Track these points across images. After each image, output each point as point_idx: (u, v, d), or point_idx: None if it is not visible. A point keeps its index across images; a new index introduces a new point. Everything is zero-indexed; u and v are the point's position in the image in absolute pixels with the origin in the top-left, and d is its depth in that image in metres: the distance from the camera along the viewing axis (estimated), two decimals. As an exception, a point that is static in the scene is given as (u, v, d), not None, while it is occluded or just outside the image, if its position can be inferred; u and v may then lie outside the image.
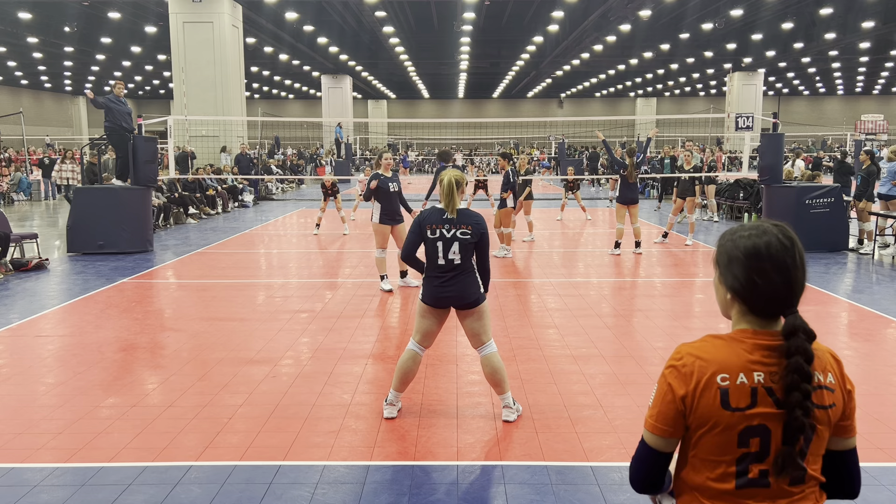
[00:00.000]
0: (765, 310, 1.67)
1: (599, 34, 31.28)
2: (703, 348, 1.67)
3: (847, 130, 47.99)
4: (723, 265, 1.72)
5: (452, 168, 8.83)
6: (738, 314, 1.71)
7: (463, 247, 4.55)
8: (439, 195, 4.69)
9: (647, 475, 1.73)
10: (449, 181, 4.57)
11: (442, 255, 4.56)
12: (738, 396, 1.62)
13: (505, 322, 7.37)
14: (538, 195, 25.31)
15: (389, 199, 8.79)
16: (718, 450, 1.65)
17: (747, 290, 1.66)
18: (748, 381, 1.63)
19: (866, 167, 12.37)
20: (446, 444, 4.37)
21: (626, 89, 61.54)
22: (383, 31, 31.00)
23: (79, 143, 46.18)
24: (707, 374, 1.64)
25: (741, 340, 1.67)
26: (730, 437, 1.64)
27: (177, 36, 23.53)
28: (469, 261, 4.61)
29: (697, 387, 1.64)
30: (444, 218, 4.58)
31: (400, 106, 67.23)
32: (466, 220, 4.57)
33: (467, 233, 4.55)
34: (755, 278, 1.65)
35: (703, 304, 8.33)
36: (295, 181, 31.60)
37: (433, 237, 4.57)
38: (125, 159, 12.92)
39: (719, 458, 1.66)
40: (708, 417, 1.64)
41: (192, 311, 8.05)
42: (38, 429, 4.66)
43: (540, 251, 12.47)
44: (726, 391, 1.62)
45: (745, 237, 1.68)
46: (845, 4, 29.20)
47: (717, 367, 1.64)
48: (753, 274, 1.65)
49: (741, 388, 1.62)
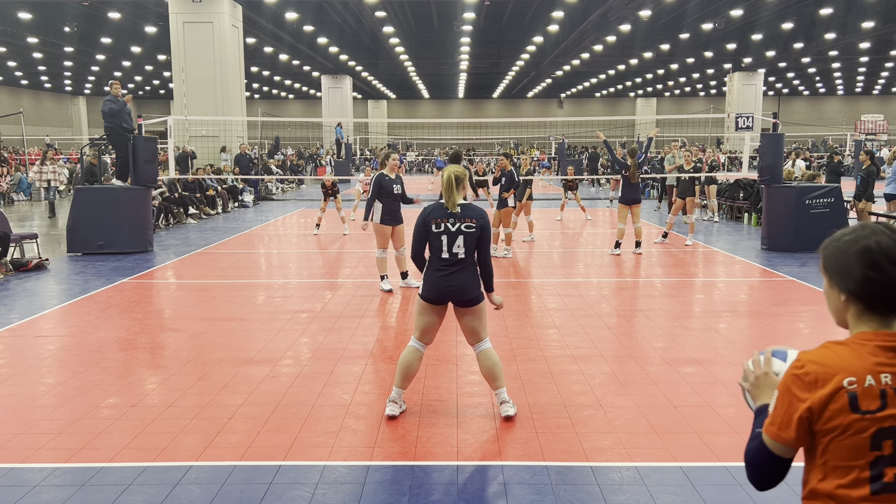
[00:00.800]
0: (883, 305, 1.66)
1: (599, 34, 31.29)
2: (825, 355, 1.66)
3: (847, 130, 48.03)
4: (833, 270, 1.72)
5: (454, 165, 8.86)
6: (854, 317, 1.71)
7: (467, 240, 4.62)
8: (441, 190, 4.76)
9: (769, 478, 1.74)
10: (448, 176, 4.63)
11: (446, 248, 4.62)
12: (867, 400, 1.61)
13: (505, 322, 7.37)
14: (538, 195, 25.34)
15: (392, 200, 8.82)
16: (850, 455, 1.63)
17: (863, 287, 1.66)
18: (876, 384, 1.62)
19: (866, 167, 12.37)
20: (446, 444, 4.37)
21: (626, 89, 61.53)
22: (383, 31, 31.00)
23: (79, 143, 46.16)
24: (832, 380, 1.63)
25: (863, 343, 1.66)
26: (861, 441, 1.62)
27: (177, 36, 23.53)
28: (472, 256, 4.67)
29: (823, 394, 1.63)
30: (448, 212, 4.63)
31: (400, 106, 67.23)
32: (470, 213, 4.65)
33: (472, 226, 4.62)
34: (870, 274, 1.64)
35: (703, 304, 8.33)
36: (295, 181, 31.60)
37: (438, 231, 4.63)
38: (125, 159, 12.91)
39: (851, 464, 1.64)
40: (837, 423, 1.63)
41: (192, 311, 8.05)
42: (38, 429, 4.65)
43: (540, 251, 12.47)
44: (854, 395, 1.61)
45: (851, 239, 1.69)
46: (845, 4, 29.20)
47: (842, 373, 1.63)
48: (868, 270, 1.65)
49: (869, 390, 1.62)
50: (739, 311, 8.05)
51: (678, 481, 3.90)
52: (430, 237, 4.67)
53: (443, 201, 4.69)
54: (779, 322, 7.29)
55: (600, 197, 24.70)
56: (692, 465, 4.08)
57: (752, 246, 12.86)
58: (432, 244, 4.68)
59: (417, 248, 4.77)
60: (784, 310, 7.86)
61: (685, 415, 4.84)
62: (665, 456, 4.21)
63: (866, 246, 1.65)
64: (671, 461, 4.14)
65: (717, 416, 4.81)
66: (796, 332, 6.98)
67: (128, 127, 12.84)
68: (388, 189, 8.76)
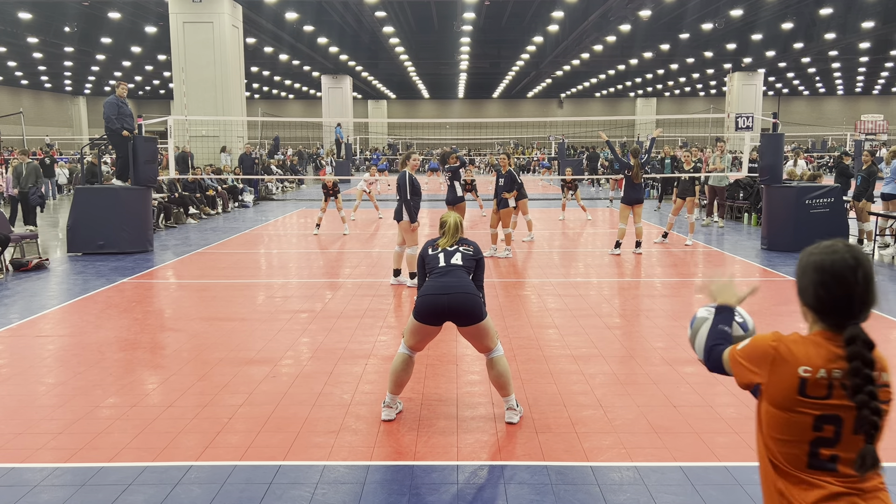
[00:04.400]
0: (829, 318, 1.92)
1: (599, 34, 31.29)
2: (795, 342, 1.94)
3: (847, 130, 47.99)
4: (797, 277, 2.00)
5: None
6: (811, 321, 1.98)
7: (465, 257, 4.81)
8: (439, 232, 4.99)
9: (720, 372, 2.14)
10: (455, 222, 4.91)
11: (444, 261, 4.78)
12: (815, 387, 1.87)
13: (505, 322, 7.37)
14: (538, 195, 25.32)
15: (419, 198, 9.17)
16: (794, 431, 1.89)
17: (814, 299, 1.93)
18: (826, 377, 1.87)
19: (867, 167, 12.37)
20: (446, 444, 4.38)
21: (626, 89, 61.54)
22: (383, 31, 31.00)
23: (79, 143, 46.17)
24: (792, 364, 1.90)
25: (818, 342, 1.92)
26: (805, 421, 1.88)
27: (177, 36, 23.53)
28: (468, 269, 4.78)
29: (784, 370, 1.91)
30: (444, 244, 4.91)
31: (400, 106, 67.22)
32: (467, 242, 4.93)
33: (469, 250, 4.86)
34: (820, 292, 1.91)
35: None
36: (295, 181, 31.60)
37: (435, 252, 4.85)
38: (125, 159, 12.91)
39: (794, 439, 1.89)
40: (785, 401, 1.90)
41: (192, 311, 8.05)
42: (38, 429, 4.66)
43: (540, 251, 12.47)
44: (805, 381, 1.88)
45: (816, 254, 1.95)
46: (845, 4, 29.20)
47: (801, 361, 1.90)
48: (819, 288, 1.91)
49: (819, 381, 1.87)
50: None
51: (678, 481, 3.90)
52: (427, 259, 4.84)
53: (444, 240, 4.91)
54: (779, 322, 7.29)
55: (600, 197, 24.70)
56: (692, 465, 4.08)
57: (752, 246, 12.86)
58: (429, 266, 4.82)
59: (422, 280, 4.91)
60: (784, 310, 7.86)
61: (685, 415, 4.84)
62: (665, 456, 4.21)
63: (820, 266, 1.91)
64: (671, 461, 4.14)
65: (717, 416, 4.81)
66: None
67: (129, 128, 12.83)
68: (418, 187, 9.07)
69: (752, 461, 4.12)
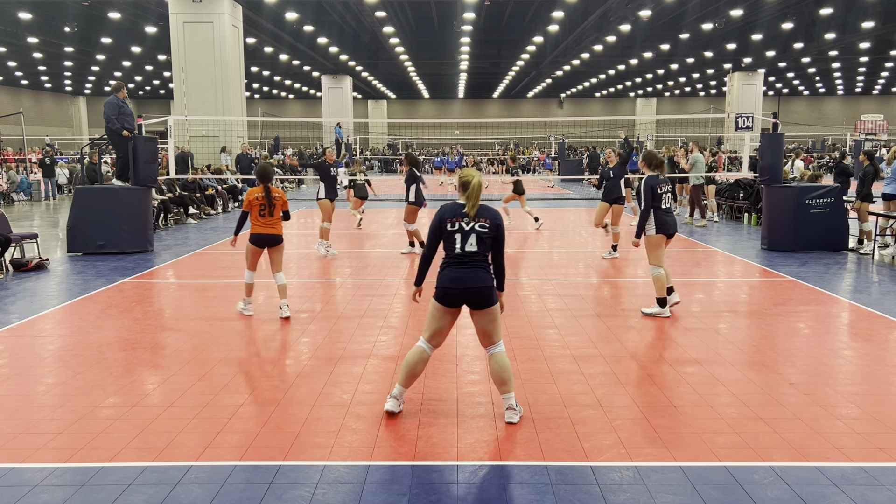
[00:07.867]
0: None
1: (599, 34, 31.30)
2: None
3: (847, 130, 48.02)
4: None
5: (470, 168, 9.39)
6: None
7: (480, 239, 4.70)
8: (459, 192, 4.83)
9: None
10: (479, 182, 4.75)
11: (460, 246, 4.70)
12: None
13: (505, 322, 7.37)
14: (538, 195, 25.33)
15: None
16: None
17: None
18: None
19: (865, 167, 12.36)
20: (446, 444, 4.38)
21: (626, 89, 61.55)
22: (383, 31, 31.00)
23: (79, 143, 46.16)
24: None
25: None
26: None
27: (177, 36, 23.54)
28: (485, 253, 4.73)
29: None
30: (464, 213, 4.72)
31: (400, 106, 67.22)
32: (484, 213, 4.74)
33: (485, 226, 4.71)
34: None
35: (704, 304, 8.33)
36: (295, 181, 31.59)
37: (452, 229, 4.72)
38: (125, 159, 12.91)
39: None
40: None
41: (192, 311, 8.05)
42: (38, 429, 4.66)
43: (540, 251, 12.47)
44: None
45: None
46: (845, 4, 29.21)
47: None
48: None
49: None
50: (739, 311, 8.05)
51: (678, 481, 3.90)
52: (445, 235, 4.75)
53: (461, 202, 4.77)
54: (779, 322, 7.28)
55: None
56: (692, 465, 4.08)
57: (752, 246, 12.85)
58: (446, 242, 4.76)
59: (430, 249, 4.84)
60: (784, 310, 7.86)
61: (685, 415, 4.84)
62: (665, 456, 4.21)
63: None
64: (671, 461, 4.14)
65: (717, 416, 4.81)
66: (796, 331, 6.96)
67: (129, 128, 12.82)
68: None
69: (752, 461, 4.12)
